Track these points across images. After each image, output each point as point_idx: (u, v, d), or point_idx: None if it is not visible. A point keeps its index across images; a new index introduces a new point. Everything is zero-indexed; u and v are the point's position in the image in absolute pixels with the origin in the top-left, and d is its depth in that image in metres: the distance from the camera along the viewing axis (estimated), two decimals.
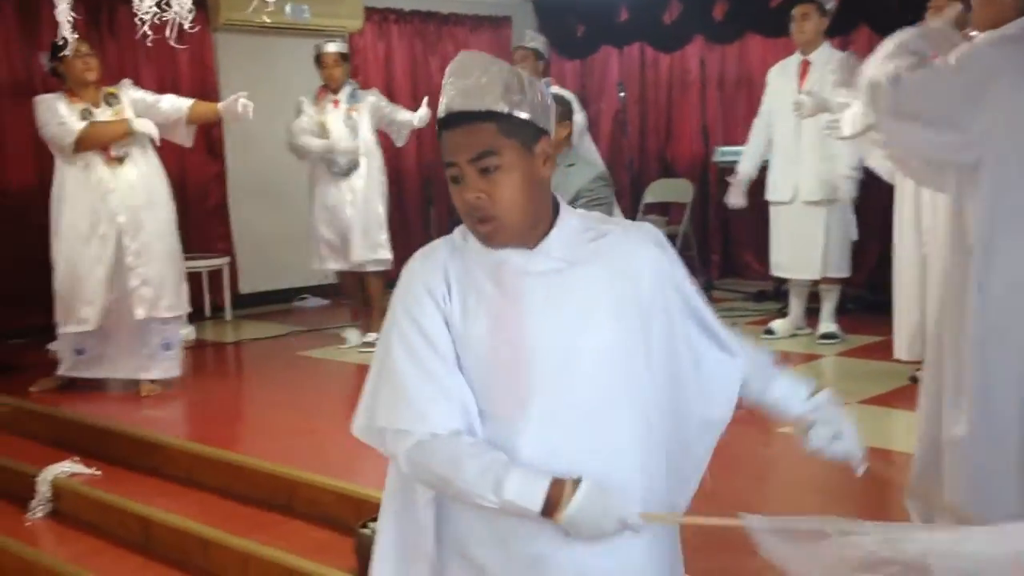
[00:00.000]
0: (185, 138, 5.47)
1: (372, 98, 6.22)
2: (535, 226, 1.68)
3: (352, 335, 6.31)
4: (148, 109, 5.28)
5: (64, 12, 4.38)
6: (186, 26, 4.01)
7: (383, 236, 6.18)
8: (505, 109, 1.61)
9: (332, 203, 6.14)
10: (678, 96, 8.40)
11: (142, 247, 5.19)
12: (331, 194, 6.14)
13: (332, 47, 6.19)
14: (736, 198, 6.18)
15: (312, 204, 6.23)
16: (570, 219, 1.72)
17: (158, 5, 4.05)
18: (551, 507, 1.57)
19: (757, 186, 6.25)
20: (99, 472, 4.35)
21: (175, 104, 5.34)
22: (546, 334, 1.65)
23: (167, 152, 5.67)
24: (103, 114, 5.18)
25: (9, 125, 6.40)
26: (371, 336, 6.12)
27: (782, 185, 6.00)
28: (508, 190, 1.61)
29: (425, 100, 6.23)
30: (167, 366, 5.32)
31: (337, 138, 6.06)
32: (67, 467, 4.36)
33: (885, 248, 7.11)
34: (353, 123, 6.11)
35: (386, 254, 6.19)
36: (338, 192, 6.12)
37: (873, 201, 6.24)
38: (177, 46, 3.94)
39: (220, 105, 5.35)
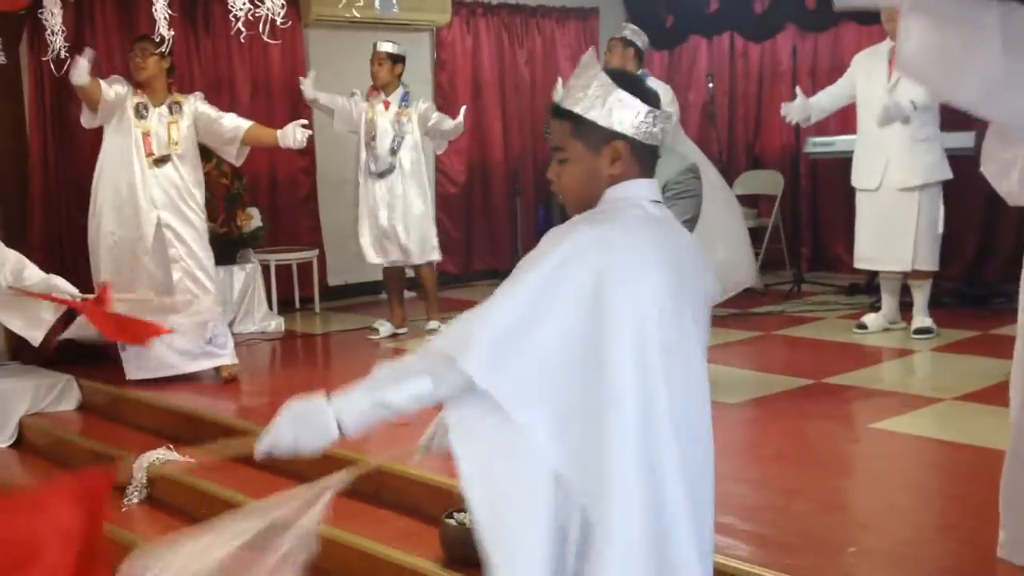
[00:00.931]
0: (235, 157, 5.65)
1: (424, 107, 6.34)
2: (586, 206, 1.92)
3: (384, 326, 6.45)
4: (208, 123, 5.50)
5: (161, 9, 4.51)
6: (278, 22, 4.08)
7: (424, 234, 6.33)
8: (579, 111, 1.85)
9: (372, 202, 6.31)
10: (768, 86, 8.26)
11: (185, 245, 5.41)
12: (371, 193, 6.31)
13: (381, 46, 6.31)
14: (790, 111, 6.14)
15: (357, 202, 6.41)
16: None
17: (251, 1, 4.13)
18: None
19: (845, 174, 6.14)
20: (192, 460, 4.45)
21: (235, 123, 5.52)
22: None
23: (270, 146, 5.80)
24: (156, 117, 5.39)
25: None
26: (433, 324, 6.26)
27: (868, 171, 5.88)
28: (568, 179, 1.93)
29: (463, 110, 6.35)
30: (216, 358, 5.46)
31: (380, 139, 6.22)
32: (161, 454, 4.48)
33: (984, 240, 6.94)
34: (401, 127, 6.20)
35: (430, 253, 6.34)
36: (378, 192, 6.28)
37: (972, 193, 6.06)
38: (270, 41, 4.00)
39: (279, 132, 5.47)
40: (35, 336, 4.74)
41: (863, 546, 3.04)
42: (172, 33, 5.00)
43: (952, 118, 5.81)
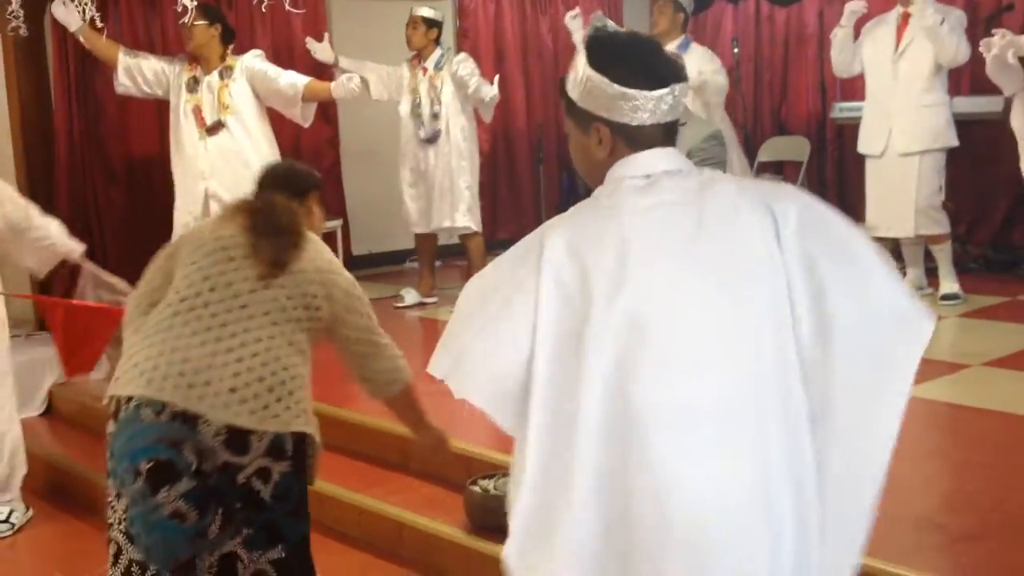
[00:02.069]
0: (301, 117, 5.64)
1: (456, 66, 6.24)
2: (595, 183, 1.80)
3: (409, 295, 6.47)
4: (264, 81, 5.46)
5: None
6: None
7: (464, 203, 6.28)
8: (567, 89, 1.77)
9: (413, 167, 6.32)
10: (795, 51, 8.17)
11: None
12: (413, 159, 6.32)
13: (418, 10, 6.26)
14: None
15: (401, 168, 6.42)
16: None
17: None
18: None
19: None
20: None
21: (292, 81, 5.48)
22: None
23: (281, 117, 5.79)
24: (206, 86, 5.40)
25: None
26: None
27: (874, 137, 5.89)
28: (573, 155, 1.84)
29: (496, 79, 6.29)
30: None
31: (424, 106, 6.21)
32: None
33: (1010, 205, 6.86)
34: (437, 92, 6.16)
35: (467, 221, 6.31)
36: (421, 158, 6.29)
37: (1000, 158, 5.99)
38: (293, 10, 4.00)
39: (332, 85, 5.48)
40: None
41: (889, 513, 3.04)
42: (195, 3, 5.01)
43: (979, 82, 5.75)
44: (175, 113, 5.51)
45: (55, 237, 4.16)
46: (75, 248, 4.24)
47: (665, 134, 1.73)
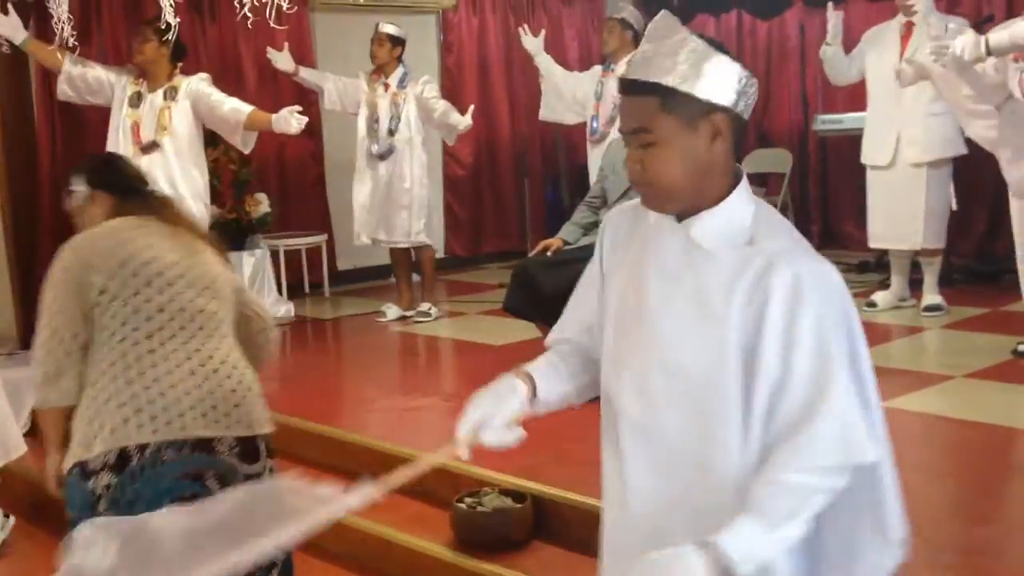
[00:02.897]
0: (242, 144, 5.58)
1: (420, 87, 6.30)
2: (693, 201, 1.64)
3: (391, 310, 6.49)
4: (208, 106, 5.42)
5: None
6: (284, 7, 4.06)
7: (419, 220, 6.35)
8: (670, 83, 1.57)
9: (372, 184, 6.36)
10: (777, 64, 8.22)
11: None
12: (368, 174, 6.36)
13: (383, 27, 6.32)
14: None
15: (355, 182, 6.47)
16: (738, 209, 1.65)
17: None
18: None
19: (854, 151, 6.11)
20: None
21: (235, 107, 5.43)
22: (647, 303, 1.67)
23: (266, 132, 5.77)
24: (149, 104, 5.39)
25: None
26: (424, 306, 6.31)
27: (880, 148, 5.85)
28: (659, 166, 1.60)
29: (471, 109, 6.33)
30: None
31: (382, 122, 6.26)
32: None
33: (993, 216, 6.90)
34: (397, 108, 6.20)
35: (421, 237, 6.38)
36: (381, 173, 6.32)
37: (980, 168, 6.03)
38: (276, 27, 3.99)
39: (273, 117, 5.44)
40: None
41: None
42: (178, 20, 4.99)
43: None
44: (113, 125, 5.46)
45: None
46: None
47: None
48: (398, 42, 6.31)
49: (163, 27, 4.66)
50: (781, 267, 1.56)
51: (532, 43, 6.64)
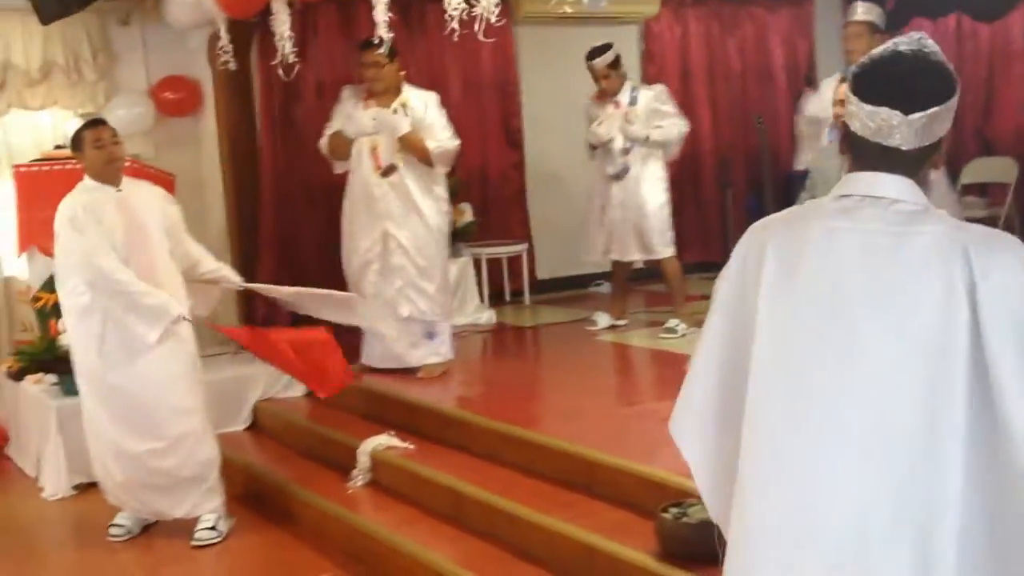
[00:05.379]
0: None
1: (650, 96, 6.19)
2: None
3: (602, 318, 6.44)
4: (423, 128, 5.42)
5: (381, 12, 4.66)
6: (492, 20, 4.15)
7: (659, 235, 6.22)
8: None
9: (605, 202, 6.28)
10: (1000, 68, 7.77)
11: (408, 257, 5.44)
12: (603, 194, 6.29)
13: (598, 60, 6.17)
14: None
15: (590, 199, 6.42)
16: None
17: (467, 1, 4.22)
18: None
19: None
20: (412, 446, 4.61)
21: (440, 139, 5.44)
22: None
23: (470, 142, 5.89)
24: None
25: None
26: (672, 322, 6.13)
27: None
28: None
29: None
30: (430, 352, 5.53)
31: (617, 142, 6.15)
32: (384, 440, 4.65)
33: None
34: (628, 127, 6.12)
35: (664, 251, 6.23)
36: (614, 192, 6.24)
37: None
38: (485, 39, 4.08)
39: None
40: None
41: None
42: (392, 35, 5.18)
43: None
44: (355, 151, 5.51)
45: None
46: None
47: (884, 155, 1.67)
48: (615, 65, 6.21)
49: (377, 42, 4.83)
50: None
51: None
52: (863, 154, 1.69)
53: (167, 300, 4.24)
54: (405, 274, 5.45)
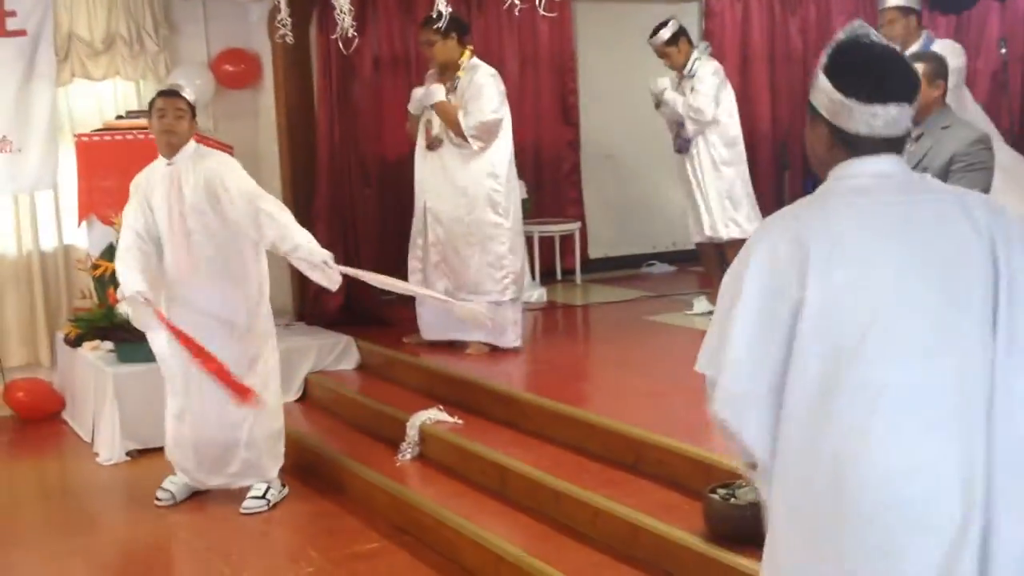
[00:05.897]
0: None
1: (706, 70, 6.04)
2: (822, 177, 1.94)
3: (700, 303, 6.28)
4: (466, 101, 5.35)
5: None
6: None
7: (731, 211, 6.10)
8: (811, 84, 1.88)
9: (679, 177, 6.25)
10: None
11: (443, 228, 5.43)
12: (678, 168, 6.25)
13: (654, 39, 6.07)
14: None
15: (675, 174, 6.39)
16: None
17: None
18: None
19: None
20: (460, 421, 4.63)
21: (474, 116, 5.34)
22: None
23: (525, 119, 5.84)
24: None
25: (388, 97, 6.86)
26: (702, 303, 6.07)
27: None
28: (806, 140, 1.99)
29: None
30: (485, 333, 5.39)
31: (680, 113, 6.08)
32: (433, 414, 4.68)
33: None
34: (687, 99, 6.03)
35: (735, 229, 6.06)
36: (682, 167, 6.19)
37: None
38: (546, 14, 4.04)
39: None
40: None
41: None
42: (449, 10, 5.15)
43: None
44: (422, 131, 5.56)
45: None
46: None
47: (885, 143, 1.80)
48: (674, 41, 6.04)
49: (435, 16, 4.80)
50: None
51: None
52: (861, 145, 1.80)
53: (125, 279, 4.25)
54: (439, 249, 5.48)
